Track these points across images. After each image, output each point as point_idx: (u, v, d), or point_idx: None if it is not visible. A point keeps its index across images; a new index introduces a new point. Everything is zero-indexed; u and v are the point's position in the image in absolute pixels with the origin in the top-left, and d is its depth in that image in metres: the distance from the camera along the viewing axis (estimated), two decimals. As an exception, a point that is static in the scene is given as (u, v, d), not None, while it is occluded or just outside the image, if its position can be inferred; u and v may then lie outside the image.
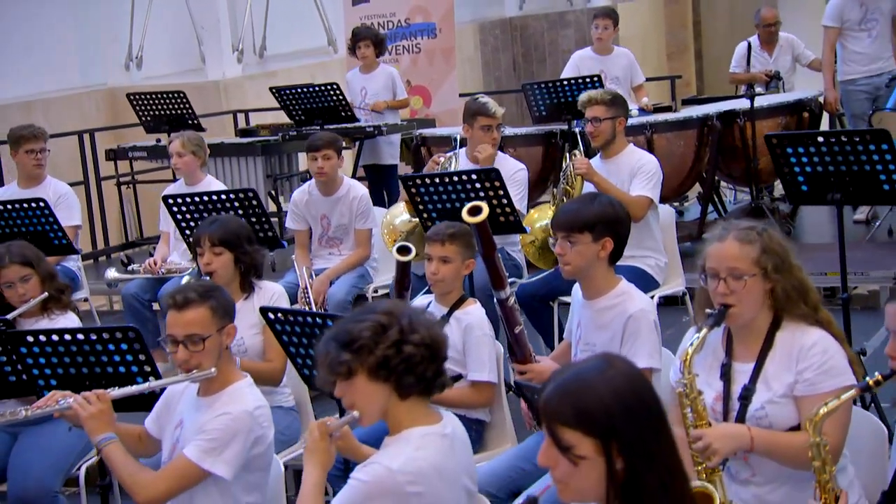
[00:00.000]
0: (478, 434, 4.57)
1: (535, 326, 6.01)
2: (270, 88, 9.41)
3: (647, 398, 2.31)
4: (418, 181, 5.76)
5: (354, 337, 2.93)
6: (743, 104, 7.93)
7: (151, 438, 3.80)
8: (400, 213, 6.53)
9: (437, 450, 2.97)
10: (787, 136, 5.23)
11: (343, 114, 8.81)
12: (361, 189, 6.86)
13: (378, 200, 8.69)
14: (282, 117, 10.14)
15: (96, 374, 4.23)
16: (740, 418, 3.28)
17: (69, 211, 7.25)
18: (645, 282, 5.85)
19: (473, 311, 4.60)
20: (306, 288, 6.48)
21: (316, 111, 8.85)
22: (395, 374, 2.94)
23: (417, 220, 6.40)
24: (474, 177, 5.65)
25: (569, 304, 4.75)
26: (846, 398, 2.90)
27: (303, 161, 10.75)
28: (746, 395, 3.27)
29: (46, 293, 4.98)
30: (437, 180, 5.71)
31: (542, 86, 8.08)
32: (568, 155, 6.22)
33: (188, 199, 6.25)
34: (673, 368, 3.46)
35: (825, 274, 6.90)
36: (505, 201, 5.61)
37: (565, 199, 6.11)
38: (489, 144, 6.31)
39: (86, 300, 7.53)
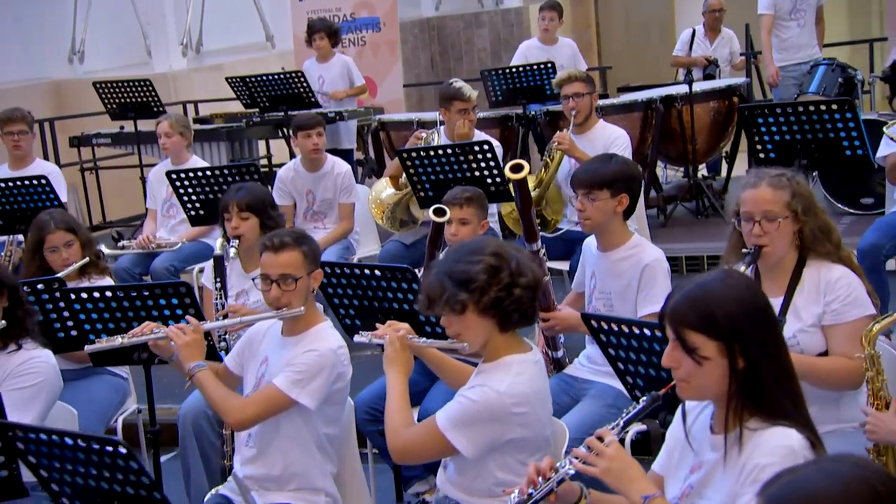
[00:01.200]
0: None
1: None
2: (231, 78, 9.42)
3: (764, 304, 2.53)
4: (413, 154, 5.90)
5: (471, 278, 3.10)
6: (680, 89, 8.21)
7: (231, 375, 3.90)
8: (384, 189, 6.67)
9: (532, 375, 3.17)
10: (758, 107, 5.48)
11: (307, 100, 8.89)
12: (345, 165, 7.00)
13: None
14: (233, 107, 10.27)
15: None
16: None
17: (57, 190, 7.26)
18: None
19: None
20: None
21: (280, 98, 8.93)
22: (503, 312, 3.13)
23: (402, 193, 6.59)
24: (466, 149, 5.81)
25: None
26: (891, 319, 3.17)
27: (267, 146, 10.93)
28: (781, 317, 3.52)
29: (87, 258, 5.07)
30: (432, 153, 5.86)
31: (499, 73, 8.28)
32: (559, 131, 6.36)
33: (191, 174, 6.32)
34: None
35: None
36: (496, 172, 5.80)
37: (544, 171, 6.31)
38: (466, 122, 6.50)
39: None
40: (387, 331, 3.42)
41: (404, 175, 6.46)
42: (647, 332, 3.12)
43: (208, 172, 6.29)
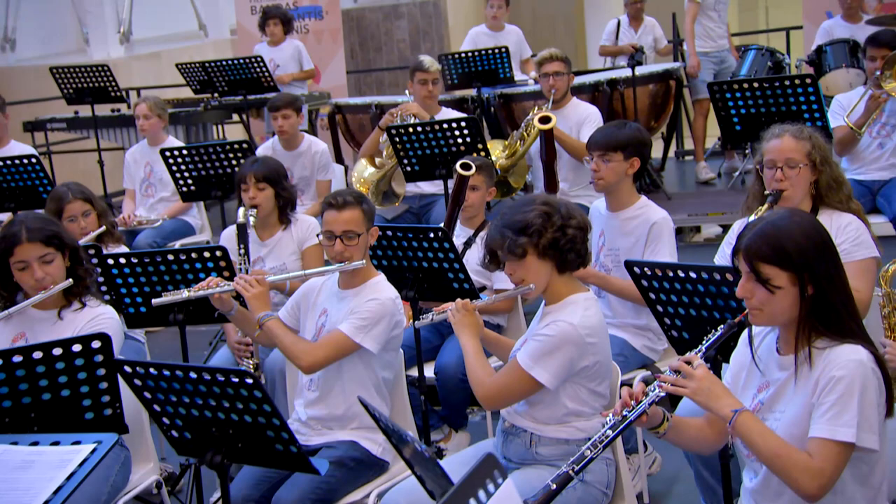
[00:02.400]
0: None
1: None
2: (184, 63, 9.54)
3: (827, 237, 2.86)
4: (402, 131, 6.14)
5: (528, 223, 3.38)
6: (623, 73, 8.58)
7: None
8: (365, 168, 6.90)
9: (597, 310, 3.47)
10: (726, 83, 5.85)
11: (266, 84, 9.04)
12: (322, 144, 7.21)
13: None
14: (171, 94, 10.41)
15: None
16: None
17: None
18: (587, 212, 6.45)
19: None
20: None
21: (239, 82, 9.07)
22: (560, 252, 3.41)
23: (384, 169, 6.83)
24: (451, 126, 6.08)
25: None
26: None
27: (226, 130, 11.01)
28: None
29: (104, 227, 5.20)
30: (420, 129, 6.11)
31: (455, 57, 8.54)
32: (536, 107, 6.65)
33: (184, 152, 6.47)
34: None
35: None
36: (480, 147, 6.07)
37: (519, 143, 6.59)
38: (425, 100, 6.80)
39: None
40: (447, 305, 3.68)
41: (385, 153, 6.75)
42: (692, 274, 3.41)
43: (202, 150, 6.43)
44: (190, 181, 6.49)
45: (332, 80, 11.10)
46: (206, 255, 4.54)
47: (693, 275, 3.40)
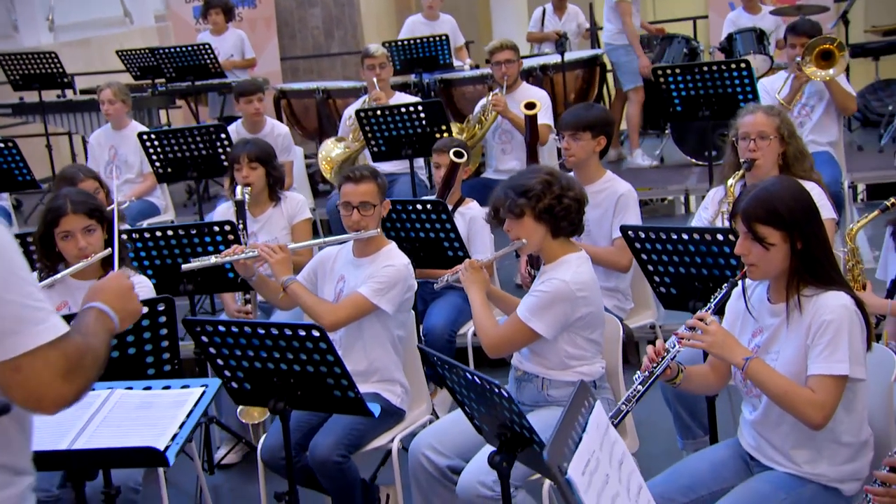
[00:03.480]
0: (467, 304, 5.32)
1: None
2: (126, 51, 9.65)
3: (812, 200, 3.25)
4: (370, 114, 6.44)
5: (529, 188, 3.74)
6: (553, 59, 8.97)
7: None
8: (333, 148, 7.17)
9: (588, 268, 3.84)
10: (668, 67, 6.29)
11: (213, 70, 9.21)
12: (283, 128, 7.45)
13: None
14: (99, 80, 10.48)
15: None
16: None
17: None
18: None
19: (473, 207, 5.42)
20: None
21: (187, 69, 9.22)
22: (555, 217, 3.77)
23: (350, 151, 7.12)
24: (420, 108, 6.41)
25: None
26: (872, 216, 4.00)
27: (171, 115, 11.08)
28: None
29: (113, 205, 5.41)
30: (387, 112, 6.43)
31: (397, 44, 8.82)
32: (490, 93, 6.99)
33: (161, 135, 6.66)
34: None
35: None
36: (444, 127, 6.41)
37: (478, 127, 6.93)
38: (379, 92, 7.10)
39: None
40: (458, 267, 4.04)
41: (350, 136, 7.04)
42: (684, 236, 3.82)
43: (178, 133, 6.63)
44: (166, 163, 6.68)
45: (267, 67, 11.29)
46: (216, 229, 4.82)
47: (685, 236, 3.81)
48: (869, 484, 3.01)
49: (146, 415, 2.80)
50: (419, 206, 4.70)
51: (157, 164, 6.68)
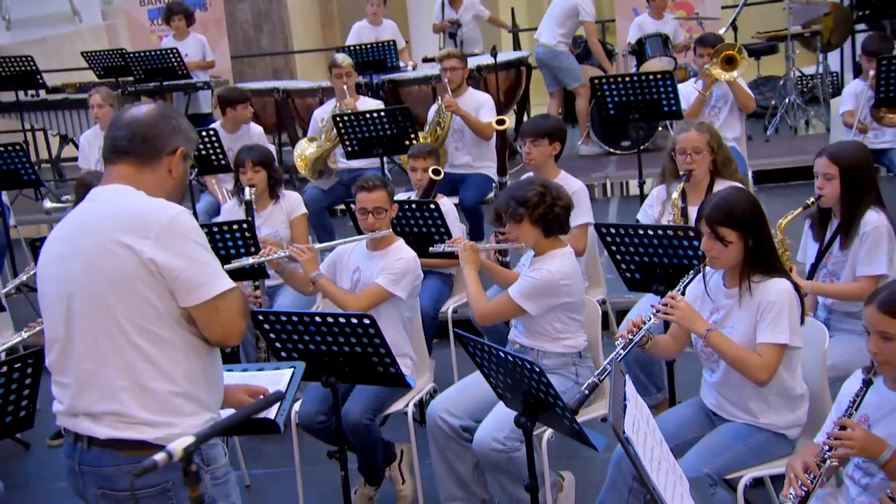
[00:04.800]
0: (447, 285, 5.82)
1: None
2: (92, 52, 9.79)
3: (759, 205, 3.77)
4: (346, 118, 6.82)
5: (528, 198, 4.19)
6: (486, 60, 9.37)
7: None
8: (307, 147, 7.48)
9: (571, 260, 4.31)
10: (605, 77, 6.79)
11: (180, 73, 9.43)
12: (258, 128, 7.74)
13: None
14: (80, 77, 10.63)
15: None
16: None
17: None
18: (488, 182, 7.26)
19: (445, 202, 5.83)
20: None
21: (156, 70, 9.42)
22: (547, 222, 4.23)
23: (322, 149, 7.46)
24: (392, 115, 6.80)
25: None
26: (797, 212, 4.53)
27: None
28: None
29: None
30: (360, 117, 6.81)
31: (350, 49, 9.17)
32: (439, 97, 7.37)
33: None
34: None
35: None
36: (410, 131, 6.82)
37: (438, 129, 7.31)
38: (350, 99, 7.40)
39: (15, 227, 7.89)
40: (458, 242, 4.48)
41: (323, 136, 7.39)
42: (649, 231, 4.32)
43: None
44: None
45: (219, 66, 11.43)
46: (235, 227, 5.17)
47: (650, 232, 4.31)
48: (807, 431, 3.58)
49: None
50: (414, 205, 5.13)
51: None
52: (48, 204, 7.70)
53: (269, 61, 15.65)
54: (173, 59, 9.32)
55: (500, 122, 5.51)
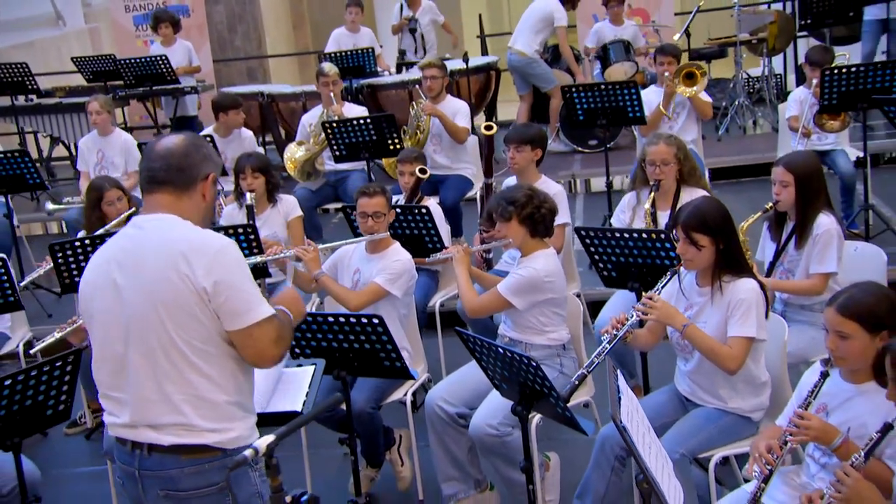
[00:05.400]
0: (434, 281, 6.02)
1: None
2: (83, 58, 9.88)
3: (728, 212, 4.02)
4: (336, 125, 7.01)
5: (517, 199, 4.43)
6: (458, 65, 9.57)
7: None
8: (297, 150, 7.65)
9: (555, 261, 4.54)
10: (575, 85, 7.04)
11: (168, 78, 9.54)
12: (249, 132, 7.89)
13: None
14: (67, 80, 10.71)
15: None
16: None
17: None
18: (465, 183, 7.50)
19: (431, 203, 6.06)
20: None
21: (146, 76, 9.53)
22: (534, 223, 4.46)
23: (310, 153, 7.63)
24: (378, 121, 7.00)
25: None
26: (757, 216, 4.80)
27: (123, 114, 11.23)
28: (669, 227, 5.08)
29: (133, 208, 5.84)
30: (347, 123, 7.00)
31: (331, 56, 9.30)
32: (414, 103, 7.57)
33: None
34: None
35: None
36: (395, 136, 7.02)
37: (418, 133, 7.53)
38: (337, 105, 7.59)
39: (17, 226, 7.99)
40: (451, 249, 4.71)
41: (311, 140, 7.56)
42: (624, 235, 4.57)
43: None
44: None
45: (202, 69, 11.54)
46: (240, 230, 5.34)
47: (626, 235, 4.57)
48: (769, 414, 3.85)
49: (282, 388, 3.40)
50: (407, 209, 5.35)
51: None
52: (50, 206, 7.79)
53: (244, 62, 15.72)
54: (162, 66, 9.43)
55: (489, 129, 5.75)
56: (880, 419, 3.03)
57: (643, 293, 4.29)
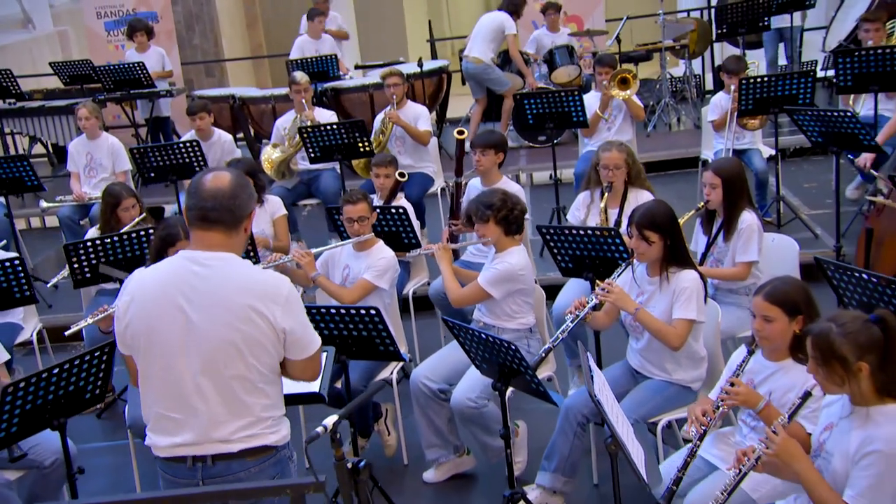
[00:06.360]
0: (406, 272, 6.33)
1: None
2: (61, 62, 9.98)
3: (673, 213, 4.44)
4: (311, 129, 7.30)
5: (493, 202, 4.80)
6: (413, 69, 9.89)
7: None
8: (273, 152, 7.92)
9: (525, 256, 4.90)
10: (525, 94, 7.41)
11: (145, 83, 9.71)
12: (227, 135, 8.13)
13: (168, 139, 9.88)
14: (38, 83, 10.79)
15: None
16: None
17: None
18: (427, 180, 7.84)
19: (404, 202, 6.40)
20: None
21: (124, 82, 9.68)
22: (508, 223, 4.82)
23: (286, 153, 7.90)
24: (346, 126, 7.31)
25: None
26: (691, 214, 5.24)
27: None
28: (619, 222, 5.52)
29: (143, 213, 6.08)
30: (321, 128, 7.30)
31: (296, 62, 9.57)
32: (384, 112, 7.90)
33: (149, 149, 7.29)
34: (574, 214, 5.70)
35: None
36: (365, 140, 7.33)
37: (381, 136, 7.83)
38: (309, 111, 7.85)
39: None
40: (430, 246, 5.07)
41: (286, 143, 7.82)
42: (581, 231, 4.97)
43: (162, 148, 7.27)
44: (151, 170, 7.32)
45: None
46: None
47: (581, 232, 4.96)
48: (706, 384, 4.31)
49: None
50: (387, 211, 5.70)
51: (145, 170, 7.32)
52: (44, 204, 7.98)
53: (200, 58, 15.79)
54: (139, 72, 9.60)
55: (461, 133, 6.17)
56: (799, 390, 3.46)
57: (597, 282, 4.72)
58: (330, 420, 2.77)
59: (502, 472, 4.79)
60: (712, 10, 10.93)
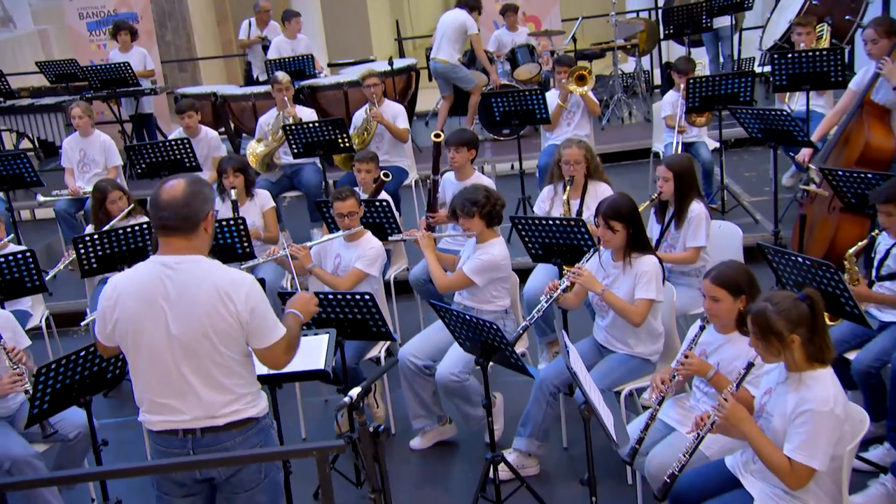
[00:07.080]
0: (387, 258, 6.58)
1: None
2: (41, 62, 10.09)
3: (636, 205, 4.76)
4: (294, 127, 7.53)
5: (477, 199, 5.06)
6: (384, 66, 10.12)
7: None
8: (257, 147, 8.12)
9: (505, 247, 5.17)
10: (492, 94, 7.69)
11: (130, 82, 9.83)
12: (213, 132, 8.29)
13: (151, 135, 10.04)
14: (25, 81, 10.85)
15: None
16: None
17: None
18: (402, 173, 8.07)
19: (384, 195, 6.66)
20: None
21: (110, 81, 9.80)
22: (490, 217, 5.10)
23: (269, 148, 8.12)
24: (329, 126, 7.54)
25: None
26: (647, 204, 5.58)
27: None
28: (580, 212, 5.84)
29: (132, 205, 6.28)
30: (304, 125, 7.53)
31: (274, 62, 9.75)
32: (364, 110, 8.13)
33: (142, 146, 7.47)
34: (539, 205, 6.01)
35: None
36: (345, 137, 7.57)
37: (365, 134, 8.06)
38: (291, 108, 8.05)
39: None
40: (414, 232, 5.36)
41: (270, 137, 8.04)
42: (552, 222, 5.28)
43: (155, 145, 7.45)
44: (145, 165, 7.51)
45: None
46: (232, 223, 5.87)
47: (550, 222, 5.27)
48: (663, 357, 4.66)
49: (303, 351, 3.97)
50: (372, 203, 5.98)
51: (138, 165, 7.50)
52: (41, 198, 8.12)
53: (174, 55, 15.86)
54: (124, 72, 9.72)
55: (437, 136, 6.45)
56: (744, 359, 3.77)
57: (564, 267, 5.04)
58: (354, 391, 3.06)
59: (481, 439, 5.13)
60: (659, 11, 11.30)
